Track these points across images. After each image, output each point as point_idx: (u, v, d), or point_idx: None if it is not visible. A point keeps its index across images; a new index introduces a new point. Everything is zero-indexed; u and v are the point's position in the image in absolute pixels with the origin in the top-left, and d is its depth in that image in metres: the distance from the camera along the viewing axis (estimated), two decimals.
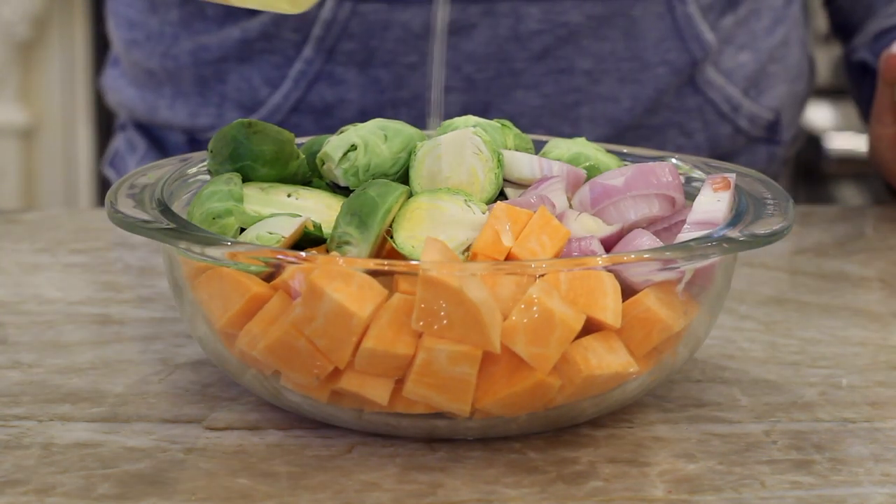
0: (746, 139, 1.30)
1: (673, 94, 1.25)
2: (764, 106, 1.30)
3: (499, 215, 0.78)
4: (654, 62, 1.23)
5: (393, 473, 0.75)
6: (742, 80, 1.28)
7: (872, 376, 0.88)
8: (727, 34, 1.27)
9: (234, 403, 0.83)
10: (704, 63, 1.25)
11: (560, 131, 1.23)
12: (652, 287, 0.77)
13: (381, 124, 0.85)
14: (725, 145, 1.29)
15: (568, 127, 1.23)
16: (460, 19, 1.19)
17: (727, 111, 1.27)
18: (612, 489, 0.74)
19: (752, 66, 1.29)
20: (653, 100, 1.24)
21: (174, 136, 1.31)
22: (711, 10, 1.25)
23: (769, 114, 1.31)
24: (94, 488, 0.73)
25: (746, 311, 0.99)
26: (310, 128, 1.23)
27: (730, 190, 0.83)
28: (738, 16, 1.27)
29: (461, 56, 1.21)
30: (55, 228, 1.16)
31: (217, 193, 0.81)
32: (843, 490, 0.74)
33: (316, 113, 1.23)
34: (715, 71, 1.26)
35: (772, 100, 1.31)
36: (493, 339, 0.73)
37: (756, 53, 1.29)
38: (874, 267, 1.09)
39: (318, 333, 0.74)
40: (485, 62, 1.21)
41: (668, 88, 1.24)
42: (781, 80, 1.32)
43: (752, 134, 1.30)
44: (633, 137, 1.25)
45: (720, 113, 1.27)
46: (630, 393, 0.79)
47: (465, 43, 1.20)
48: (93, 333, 0.94)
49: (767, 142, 1.32)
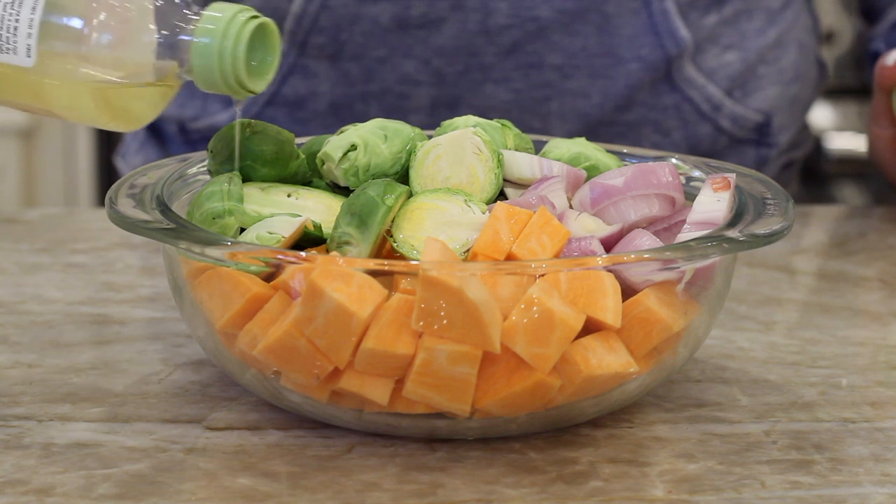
0: (730, 140, 1.30)
1: (647, 91, 1.25)
2: (751, 107, 1.30)
3: (499, 215, 0.78)
4: (626, 58, 1.23)
5: (393, 473, 0.75)
6: (725, 80, 1.28)
7: (872, 376, 0.88)
8: (710, 33, 1.26)
9: (234, 403, 0.83)
10: (681, 60, 1.24)
11: (530, 126, 1.23)
12: (652, 287, 0.77)
13: (380, 124, 0.85)
14: (705, 145, 1.28)
15: (538, 122, 1.23)
16: (429, 13, 1.20)
17: (707, 110, 1.27)
18: (612, 489, 0.74)
19: (739, 67, 1.28)
20: (624, 96, 1.24)
21: (168, 126, 1.33)
22: (693, 8, 1.24)
23: (757, 115, 1.30)
24: (94, 488, 0.73)
25: (746, 311, 0.99)
26: (284, 120, 1.25)
27: (730, 190, 0.83)
28: (723, 15, 1.27)
29: (430, 50, 1.21)
30: (55, 228, 1.16)
31: (217, 193, 0.81)
32: (843, 490, 0.74)
33: (289, 105, 1.24)
34: (695, 69, 1.25)
35: (761, 101, 1.30)
36: (493, 339, 0.73)
37: (744, 53, 1.28)
38: (874, 267, 1.09)
39: (318, 333, 0.74)
40: (454, 56, 1.21)
41: (641, 85, 1.24)
42: (773, 82, 1.31)
43: (737, 135, 1.30)
44: (607, 134, 1.25)
45: (699, 112, 1.27)
46: (630, 393, 0.79)
47: (435, 37, 1.20)
48: (93, 333, 0.94)
49: (757, 144, 1.31)
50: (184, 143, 1.32)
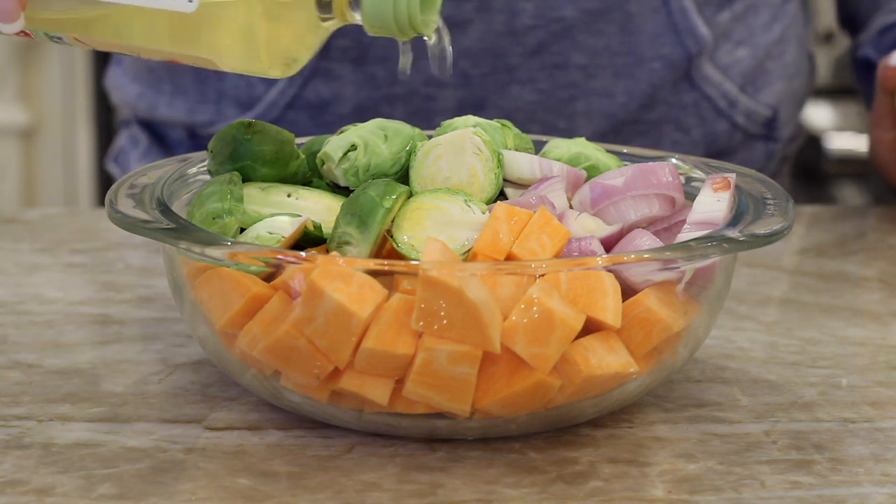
0: (743, 136, 1.30)
1: (669, 90, 1.25)
2: (761, 102, 1.30)
3: (499, 215, 0.78)
4: (648, 57, 1.23)
5: (393, 473, 0.75)
6: (739, 76, 1.29)
7: (872, 376, 0.88)
8: (724, 29, 1.27)
9: (234, 403, 0.83)
10: (700, 58, 1.25)
11: (555, 126, 1.23)
12: (652, 287, 0.77)
13: (380, 124, 0.85)
14: (722, 142, 1.29)
15: (563, 122, 1.23)
16: (455, 15, 1.20)
17: (724, 107, 1.27)
18: (612, 489, 0.74)
19: (750, 63, 1.29)
20: (648, 95, 1.24)
21: (175, 132, 1.31)
22: (708, 5, 1.25)
23: (767, 111, 1.31)
24: (94, 488, 0.73)
25: (746, 311, 0.99)
26: (305, 124, 1.24)
27: (730, 190, 0.83)
28: (734, 11, 1.27)
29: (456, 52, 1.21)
30: (55, 228, 1.16)
31: (217, 193, 0.81)
32: (843, 490, 0.74)
33: (312, 109, 1.24)
34: (712, 66, 1.26)
35: (769, 96, 1.31)
36: (493, 339, 0.73)
37: (753, 49, 1.29)
38: (874, 267, 1.09)
39: (318, 333, 0.74)
40: (479, 58, 1.21)
41: (664, 83, 1.24)
42: (779, 76, 1.32)
43: (750, 131, 1.30)
44: (630, 133, 1.26)
45: (717, 109, 1.27)
46: (630, 393, 0.79)
47: (460, 38, 1.20)
48: (93, 333, 0.94)
49: (765, 139, 1.32)
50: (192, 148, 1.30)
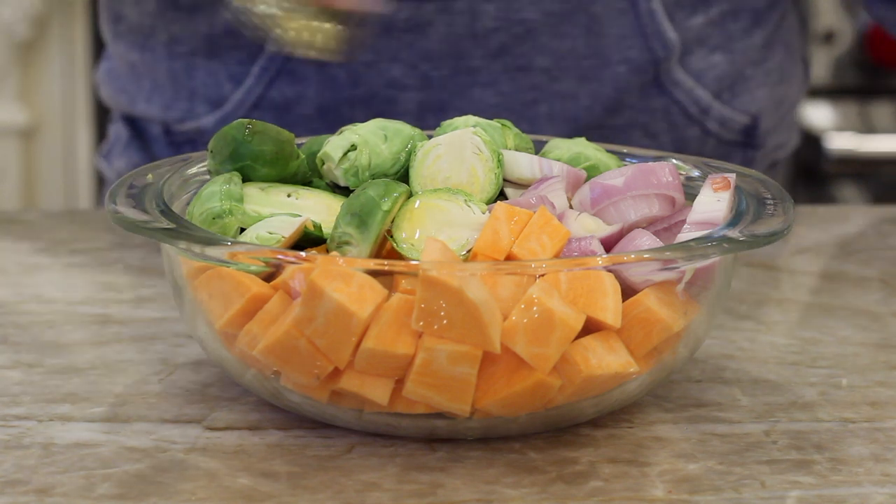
0: (717, 142, 1.28)
1: (636, 94, 1.24)
2: (738, 109, 1.28)
3: (499, 215, 0.78)
4: (614, 60, 1.22)
5: (393, 473, 0.75)
6: (713, 82, 1.26)
7: (872, 376, 0.88)
8: (697, 34, 1.25)
9: (234, 403, 0.83)
10: (669, 62, 1.23)
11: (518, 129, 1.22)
12: (652, 287, 0.77)
13: (380, 124, 0.85)
14: (693, 148, 1.26)
15: (526, 125, 1.22)
16: (416, 17, 1.19)
17: (695, 113, 1.26)
18: (612, 489, 0.74)
19: (726, 68, 1.27)
20: (613, 99, 1.23)
21: (153, 127, 1.32)
22: (680, 9, 1.23)
23: (744, 118, 1.28)
24: (94, 488, 0.73)
25: (746, 311, 0.99)
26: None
27: (730, 190, 0.83)
28: (709, 15, 1.25)
29: (417, 54, 1.20)
30: (55, 228, 1.16)
31: (217, 193, 0.81)
32: (843, 490, 0.74)
33: (276, 109, 1.24)
34: (682, 71, 1.24)
35: (749, 103, 1.29)
36: (493, 339, 0.73)
37: (731, 55, 1.27)
38: (874, 267, 1.09)
39: (318, 333, 0.74)
40: (441, 60, 1.21)
41: (630, 87, 1.23)
42: (761, 83, 1.30)
43: (725, 137, 1.28)
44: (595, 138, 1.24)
45: (687, 115, 1.25)
46: (630, 393, 0.79)
47: (421, 41, 1.20)
48: (93, 333, 0.94)
49: (744, 146, 1.30)
50: (168, 144, 1.31)
